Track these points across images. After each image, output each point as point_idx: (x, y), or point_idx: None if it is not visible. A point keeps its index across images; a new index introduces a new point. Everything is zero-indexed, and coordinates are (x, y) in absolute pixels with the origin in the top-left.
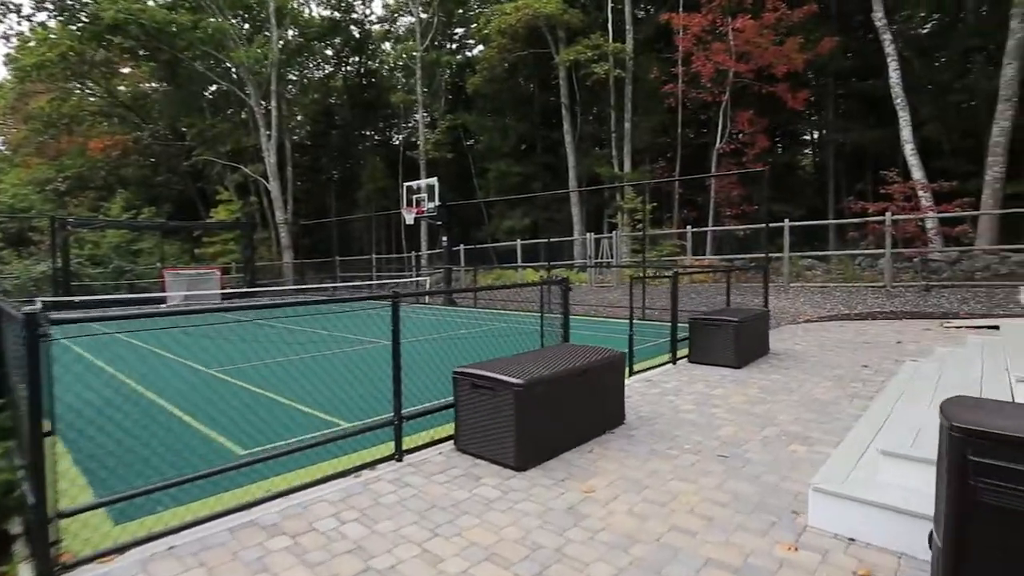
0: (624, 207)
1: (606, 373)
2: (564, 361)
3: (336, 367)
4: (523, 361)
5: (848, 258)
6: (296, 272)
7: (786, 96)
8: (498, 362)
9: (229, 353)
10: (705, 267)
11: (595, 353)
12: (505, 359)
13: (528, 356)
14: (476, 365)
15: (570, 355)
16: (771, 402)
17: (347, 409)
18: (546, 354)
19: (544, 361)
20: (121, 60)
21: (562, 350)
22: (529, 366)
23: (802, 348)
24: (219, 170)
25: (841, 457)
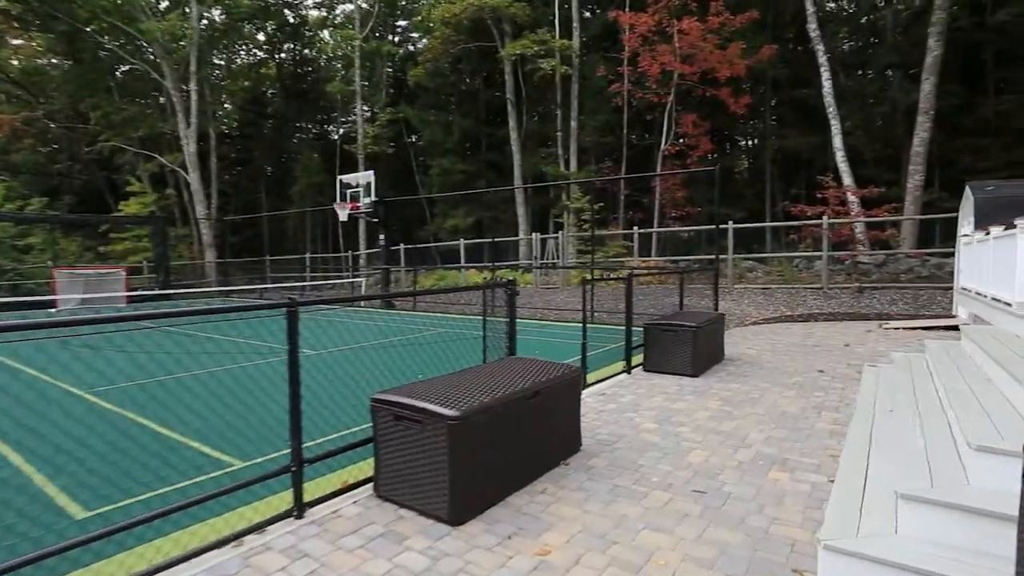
0: (570, 207)
1: (561, 394)
2: (510, 381)
3: (244, 385)
4: (459, 383)
5: (787, 260)
6: (221, 272)
7: (728, 100)
8: (429, 385)
9: (122, 368)
10: (656, 268)
11: (546, 369)
12: (438, 380)
13: (467, 376)
14: (401, 391)
15: (517, 373)
16: (738, 417)
17: (246, 441)
18: (489, 372)
19: (486, 382)
20: (8, 27)
21: (508, 366)
22: (466, 390)
23: (756, 353)
24: (130, 159)
25: (842, 498)
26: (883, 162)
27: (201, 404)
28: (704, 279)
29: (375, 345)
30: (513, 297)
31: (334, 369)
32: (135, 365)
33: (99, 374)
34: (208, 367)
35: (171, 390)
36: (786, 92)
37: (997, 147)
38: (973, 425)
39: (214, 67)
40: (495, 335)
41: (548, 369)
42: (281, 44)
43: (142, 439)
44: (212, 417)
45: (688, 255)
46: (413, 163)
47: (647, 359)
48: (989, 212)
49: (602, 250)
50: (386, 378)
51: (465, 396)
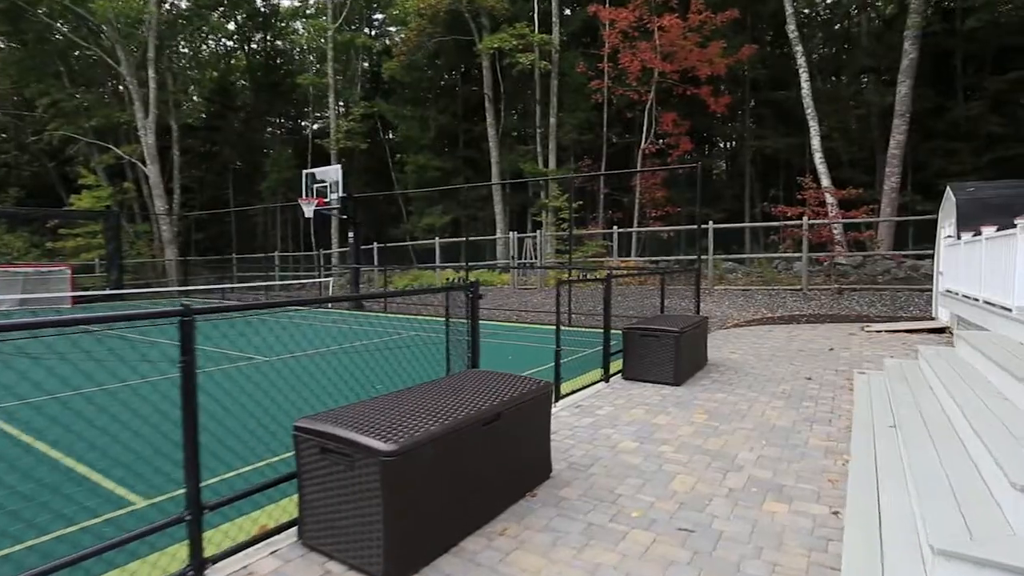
0: (549, 205)
1: (527, 414)
2: (467, 401)
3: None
4: (405, 404)
5: (767, 261)
6: (183, 271)
7: (709, 100)
8: (367, 408)
9: (40, 381)
10: (636, 269)
11: (511, 385)
12: (382, 400)
13: (416, 395)
14: (330, 416)
15: (477, 390)
16: (725, 433)
17: (156, 473)
18: (443, 390)
19: (437, 403)
20: None
21: (467, 382)
22: (412, 414)
23: (739, 358)
24: (84, 150)
25: (857, 547)
26: (858, 164)
27: (115, 425)
28: (684, 280)
29: (336, 351)
30: (475, 301)
31: (271, 379)
32: (56, 376)
33: (6, 389)
34: (130, 379)
35: (81, 409)
36: (765, 93)
37: (967, 151)
38: (1010, 458)
39: (179, 55)
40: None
41: (513, 385)
42: (251, 34)
43: (37, 470)
44: (121, 442)
45: (668, 256)
46: (389, 160)
47: (626, 366)
48: (972, 213)
49: (581, 250)
50: (333, 393)
51: (408, 423)
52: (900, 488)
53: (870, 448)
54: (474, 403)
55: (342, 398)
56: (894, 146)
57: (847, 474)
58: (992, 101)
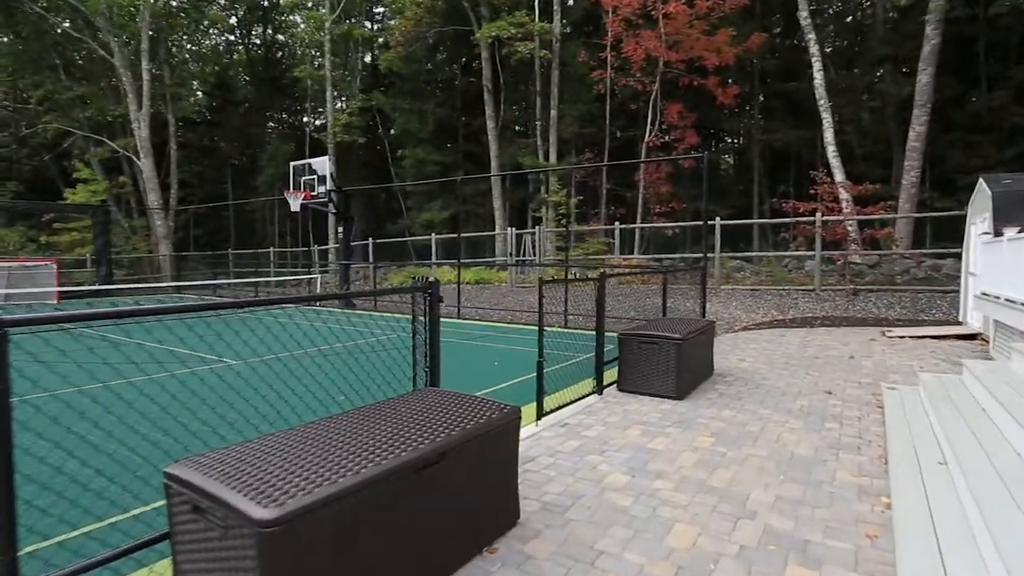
0: (548, 200)
1: (486, 450)
2: (404, 436)
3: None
4: (323, 441)
5: (777, 260)
6: (179, 267)
7: (716, 90)
8: (271, 445)
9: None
10: (638, 268)
11: (469, 412)
12: (297, 433)
13: (343, 425)
14: (215, 460)
15: (422, 419)
16: (734, 462)
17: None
18: (381, 418)
19: (364, 438)
20: None
21: (414, 407)
22: (322, 458)
23: (749, 366)
24: (80, 143)
25: None
26: (873, 158)
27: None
28: (689, 280)
29: (301, 355)
30: (434, 305)
31: (209, 396)
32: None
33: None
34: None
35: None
36: (775, 85)
37: (989, 143)
38: None
39: (179, 49)
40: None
41: (471, 411)
42: (251, 27)
43: None
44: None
45: (673, 254)
46: (388, 154)
47: (622, 377)
48: (1009, 207)
49: (582, 247)
50: (267, 414)
51: (312, 471)
52: (976, 564)
53: (918, 491)
54: (413, 438)
55: (271, 422)
56: (914, 138)
57: (889, 526)
58: (1016, 91)
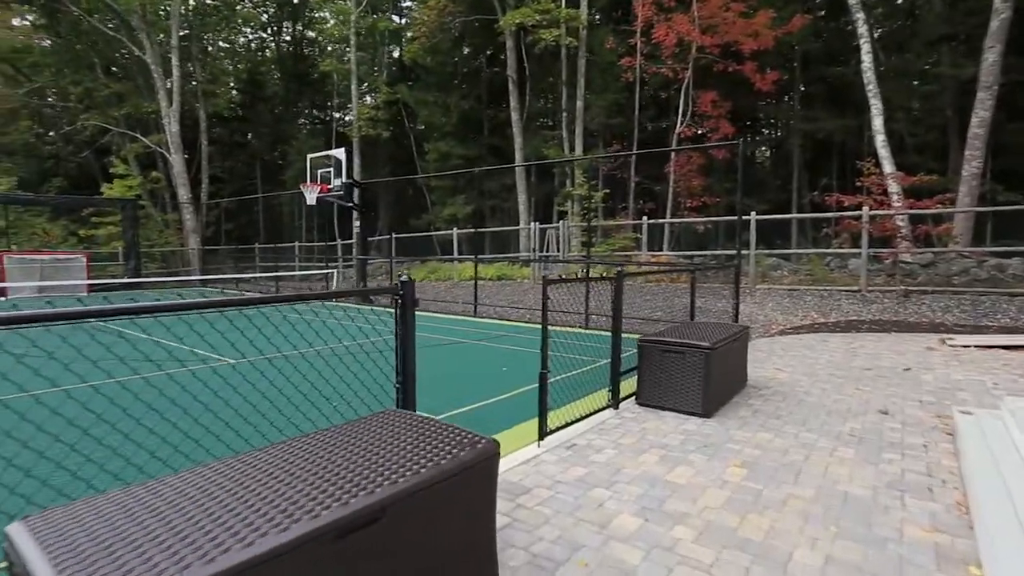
0: (573, 194)
1: (448, 501)
2: (335, 482)
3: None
4: (209, 493)
5: (818, 257)
6: (207, 261)
7: (753, 77)
8: (139, 498)
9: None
10: (666, 265)
11: (429, 449)
12: (178, 481)
13: (265, 461)
14: (67, 518)
15: (370, 456)
16: (772, 505)
17: None
18: (319, 451)
19: (272, 490)
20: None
21: (366, 437)
22: (193, 525)
23: (788, 377)
24: (117, 140)
25: None
26: (926, 148)
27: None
28: (722, 278)
29: (294, 355)
30: (409, 310)
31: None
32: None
33: None
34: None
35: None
36: (817, 70)
37: None
38: None
39: (214, 47)
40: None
41: (433, 445)
42: (281, 23)
43: None
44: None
45: (704, 251)
46: (413, 148)
47: (641, 389)
48: None
49: (608, 243)
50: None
51: (186, 540)
52: None
53: (1019, 560)
54: (347, 485)
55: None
56: (976, 124)
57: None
58: None
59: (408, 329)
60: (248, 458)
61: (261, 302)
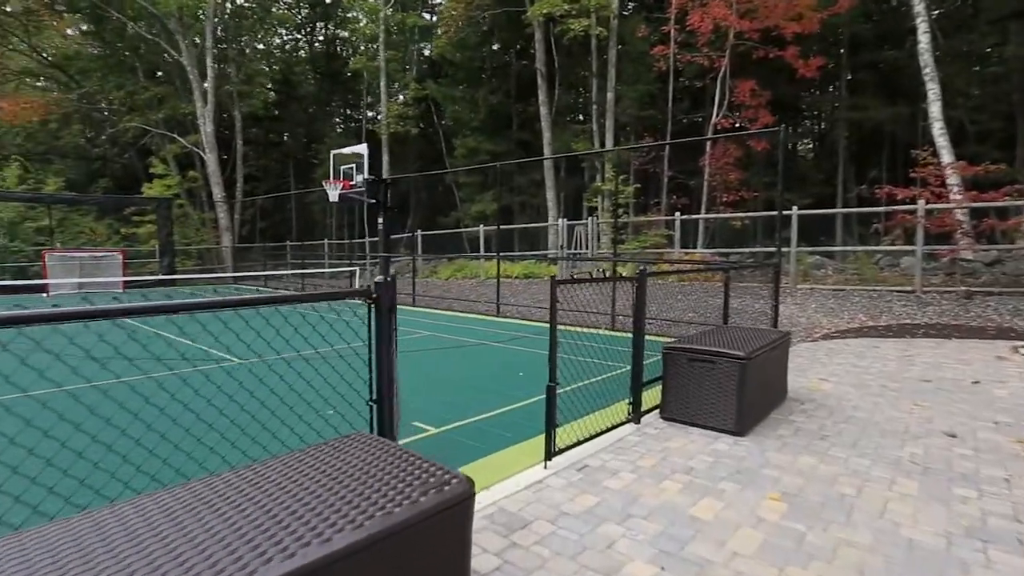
0: (603, 189)
1: (400, 560)
2: (262, 531)
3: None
4: (109, 544)
5: (866, 255)
6: (240, 258)
7: (796, 63)
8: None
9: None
10: (700, 263)
11: (387, 491)
12: (85, 521)
13: (180, 502)
14: None
15: (312, 500)
16: (819, 555)
17: None
18: (257, 492)
19: (179, 549)
20: (42, 9)
21: (317, 472)
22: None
23: (834, 389)
24: (157, 141)
25: None
26: (989, 137)
27: None
28: (761, 277)
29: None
30: (387, 315)
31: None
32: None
33: None
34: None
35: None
36: (866, 54)
37: None
38: None
39: (252, 48)
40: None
41: (395, 485)
42: (313, 23)
43: None
44: None
45: (740, 248)
46: (443, 145)
47: (666, 401)
48: None
49: (638, 240)
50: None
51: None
52: None
53: None
54: (272, 544)
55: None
56: None
57: None
58: None
59: (385, 338)
60: (182, 492)
61: (223, 305)
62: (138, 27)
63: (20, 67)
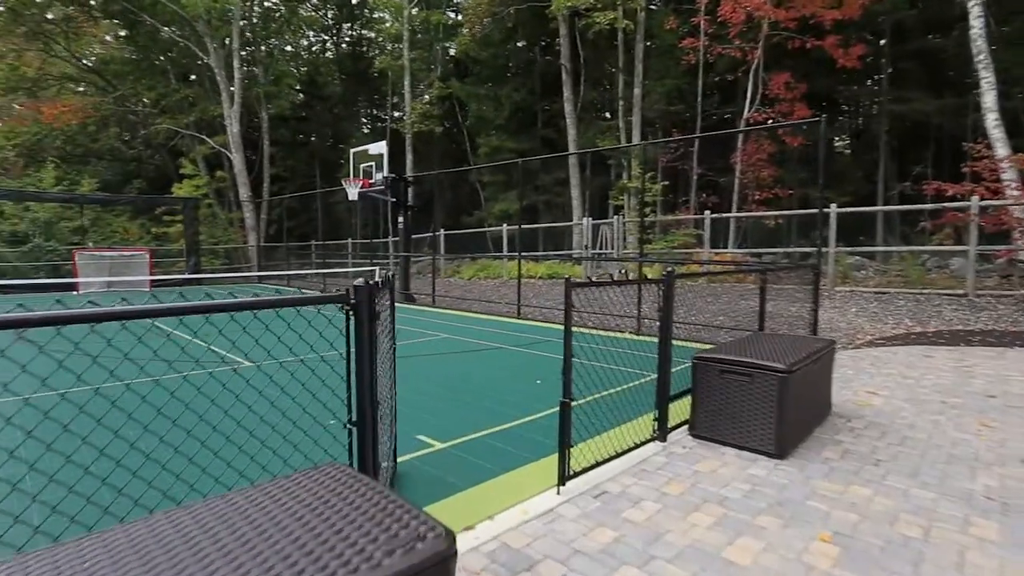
0: (629, 186)
1: None
2: None
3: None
4: None
5: (912, 256)
6: (266, 257)
7: (835, 52)
8: None
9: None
10: (731, 264)
11: (344, 547)
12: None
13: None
14: None
15: (263, 554)
16: None
17: None
18: (192, 543)
19: None
20: (82, 17)
21: (268, 519)
22: None
23: (885, 404)
24: (187, 142)
25: None
26: None
27: None
28: (794, 279)
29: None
30: (361, 327)
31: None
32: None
33: None
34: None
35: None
36: (913, 42)
37: None
38: None
39: (275, 51)
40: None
41: (352, 540)
42: (340, 25)
43: None
44: None
45: (773, 248)
46: (467, 144)
47: (696, 417)
48: None
49: (666, 240)
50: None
51: None
52: None
53: None
54: None
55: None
56: None
57: None
58: None
59: (365, 351)
60: (121, 534)
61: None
62: (171, 32)
63: (60, 72)
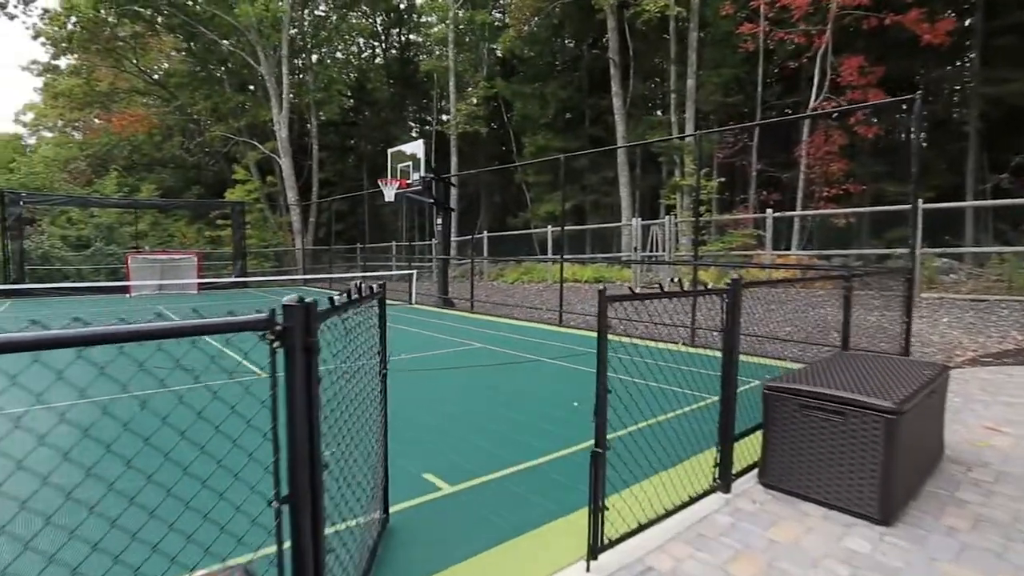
0: (682, 184)
1: None
2: None
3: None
4: None
5: (1014, 257)
6: (312, 261)
7: (919, 28)
8: None
9: None
10: (797, 267)
11: None
12: None
13: None
14: None
15: None
16: None
17: None
18: None
19: None
20: (149, 33)
21: None
22: None
23: (1015, 447)
24: (240, 148)
25: None
26: None
27: None
28: (872, 284)
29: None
30: (294, 363)
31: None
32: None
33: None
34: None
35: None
36: (1007, 15)
37: None
38: None
39: (327, 58)
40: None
41: None
42: (387, 30)
43: None
44: None
45: (843, 249)
46: (513, 144)
47: (768, 461)
48: None
49: (723, 240)
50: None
51: None
52: None
53: None
54: None
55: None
56: None
57: None
58: None
59: (299, 399)
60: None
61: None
62: (229, 44)
63: (128, 86)
